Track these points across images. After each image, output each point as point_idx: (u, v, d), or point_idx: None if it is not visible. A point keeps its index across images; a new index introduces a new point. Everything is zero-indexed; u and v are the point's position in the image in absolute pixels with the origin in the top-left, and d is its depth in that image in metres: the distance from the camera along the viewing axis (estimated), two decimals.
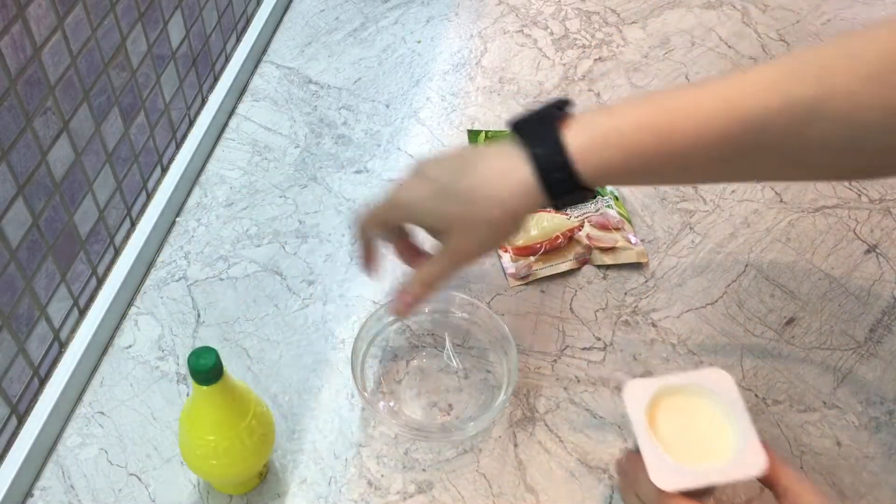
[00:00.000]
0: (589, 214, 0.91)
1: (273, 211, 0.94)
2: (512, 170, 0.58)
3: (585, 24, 1.21)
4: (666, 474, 0.55)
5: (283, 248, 0.90)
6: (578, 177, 0.57)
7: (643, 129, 0.56)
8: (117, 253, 0.85)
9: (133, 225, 0.88)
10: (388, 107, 1.07)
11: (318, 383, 0.79)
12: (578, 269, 0.89)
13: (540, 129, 0.58)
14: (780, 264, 0.90)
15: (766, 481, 0.57)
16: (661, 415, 0.59)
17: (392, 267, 0.89)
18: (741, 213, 0.95)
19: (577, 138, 0.57)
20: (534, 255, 0.88)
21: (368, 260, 0.72)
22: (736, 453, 0.57)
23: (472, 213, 0.60)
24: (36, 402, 0.73)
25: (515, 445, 0.74)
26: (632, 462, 0.59)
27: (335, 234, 0.92)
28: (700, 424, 0.59)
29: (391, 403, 0.76)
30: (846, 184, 0.98)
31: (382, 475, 0.72)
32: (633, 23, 1.21)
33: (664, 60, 1.15)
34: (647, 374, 0.80)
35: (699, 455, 0.57)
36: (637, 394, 0.59)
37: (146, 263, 0.88)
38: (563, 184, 0.58)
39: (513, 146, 0.59)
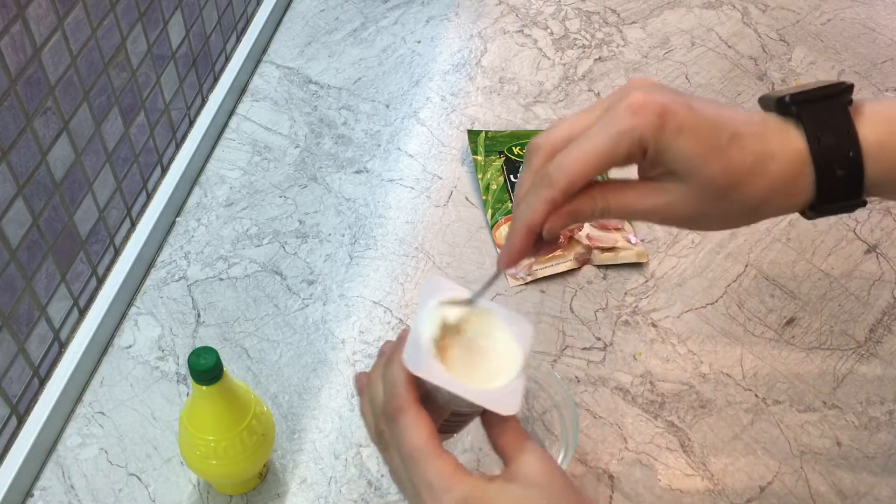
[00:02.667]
0: None
1: (273, 211, 0.94)
2: (777, 155, 0.46)
3: (585, 24, 1.21)
4: (420, 360, 0.48)
5: (283, 248, 0.90)
6: (863, 180, 0.46)
7: None
8: (117, 253, 0.85)
9: (133, 225, 0.88)
10: (388, 107, 1.07)
11: (318, 383, 0.79)
12: (578, 269, 0.89)
13: (826, 110, 0.46)
14: (780, 264, 0.90)
15: (498, 447, 0.50)
16: (455, 326, 0.51)
17: (392, 268, 0.89)
18: None
19: (873, 131, 0.45)
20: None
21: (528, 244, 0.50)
22: (498, 390, 0.49)
23: (720, 185, 0.46)
24: (36, 402, 0.73)
25: None
26: (393, 344, 0.51)
27: (335, 234, 0.92)
28: (485, 350, 0.51)
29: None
30: None
31: (382, 475, 0.72)
32: (633, 23, 1.21)
33: (664, 60, 1.15)
34: (647, 373, 0.80)
35: (466, 373, 0.49)
36: (443, 288, 0.51)
37: (146, 263, 0.88)
38: (842, 185, 0.46)
39: (780, 122, 0.46)
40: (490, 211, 0.93)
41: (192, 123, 0.98)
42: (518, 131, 1.03)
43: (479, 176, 0.97)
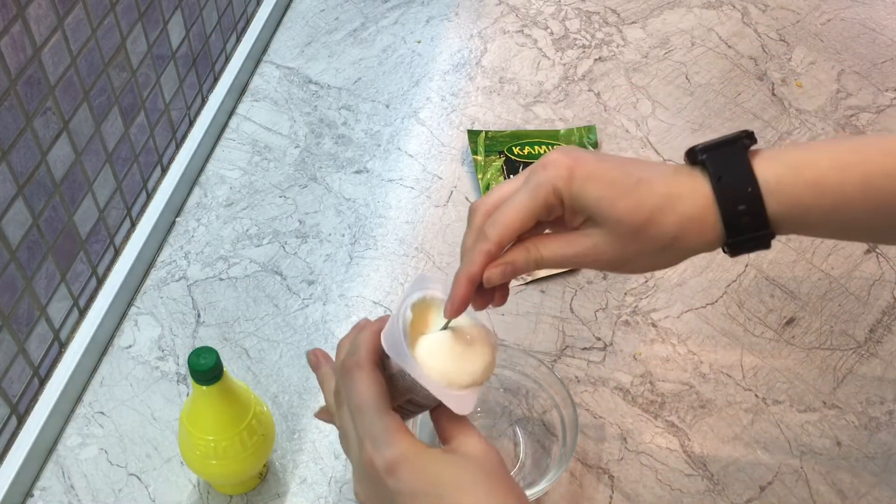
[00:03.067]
0: None
1: (273, 211, 0.94)
2: (685, 196, 0.50)
3: (585, 24, 1.21)
4: (396, 342, 0.51)
5: (283, 248, 0.90)
6: (766, 214, 0.49)
7: (847, 169, 0.49)
8: (117, 253, 0.85)
9: (133, 225, 0.88)
10: (388, 107, 1.07)
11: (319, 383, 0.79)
12: (578, 268, 0.89)
13: (726, 154, 0.51)
14: (780, 264, 0.90)
15: (440, 426, 0.54)
16: (430, 323, 0.55)
17: (392, 268, 0.89)
18: None
19: (770, 169, 0.49)
20: None
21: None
22: (459, 389, 0.52)
23: (630, 223, 0.51)
24: (36, 402, 0.73)
25: (515, 445, 0.74)
26: (367, 321, 0.55)
27: (335, 234, 0.92)
28: (461, 348, 0.54)
29: None
30: None
31: None
32: (633, 23, 1.21)
33: (664, 60, 1.15)
34: (647, 374, 0.80)
35: (430, 367, 0.52)
36: (430, 284, 0.56)
37: (146, 263, 0.88)
38: (747, 219, 0.50)
39: (689, 169, 0.51)
40: None
41: (192, 123, 0.98)
42: (518, 131, 1.03)
43: (479, 176, 0.97)
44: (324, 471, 0.73)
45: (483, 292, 0.54)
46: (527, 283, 0.87)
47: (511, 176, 0.96)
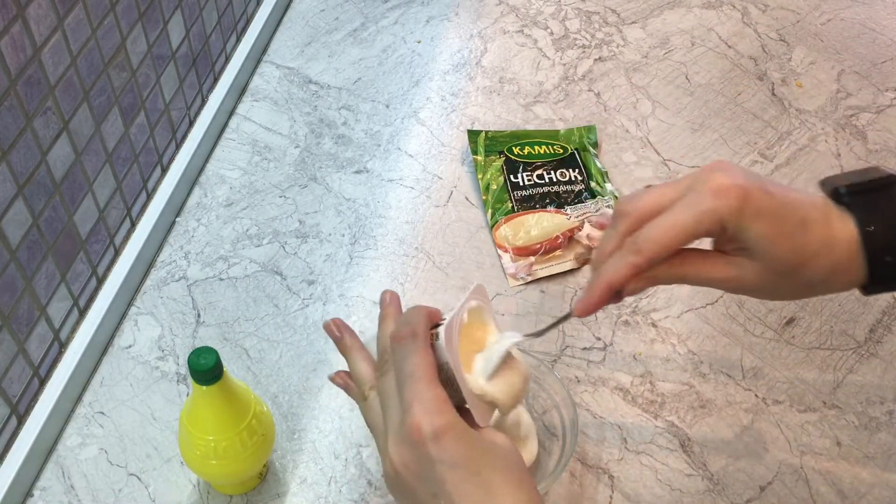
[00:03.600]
0: (589, 214, 0.91)
1: (273, 211, 0.94)
2: (839, 243, 0.51)
3: (585, 24, 1.21)
4: (450, 337, 0.53)
5: (283, 248, 0.90)
6: None
7: None
8: (117, 253, 0.85)
9: (133, 225, 0.88)
10: (388, 107, 1.07)
11: (318, 383, 0.79)
12: (578, 269, 0.89)
13: (874, 200, 0.51)
14: None
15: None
16: (482, 331, 0.58)
17: (392, 268, 0.89)
18: None
19: None
20: (534, 255, 0.88)
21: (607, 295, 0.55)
22: (481, 392, 0.55)
23: (787, 264, 0.51)
24: (36, 402, 0.73)
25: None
26: (422, 307, 0.56)
27: (335, 234, 0.92)
28: (505, 369, 0.57)
29: None
30: None
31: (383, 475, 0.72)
32: (633, 23, 1.21)
33: (664, 60, 1.15)
34: (647, 374, 0.80)
35: (477, 370, 0.55)
36: (484, 297, 0.58)
37: (146, 263, 0.88)
38: (892, 270, 0.51)
39: (839, 212, 0.52)
40: (490, 211, 0.93)
41: (192, 123, 0.98)
42: (518, 131, 1.03)
43: (479, 176, 0.97)
44: (324, 471, 0.73)
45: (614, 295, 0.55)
46: (527, 283, 0.87)
47: (511, 176, 0.96)
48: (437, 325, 0.54)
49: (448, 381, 0.53)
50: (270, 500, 0.71)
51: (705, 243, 0.54)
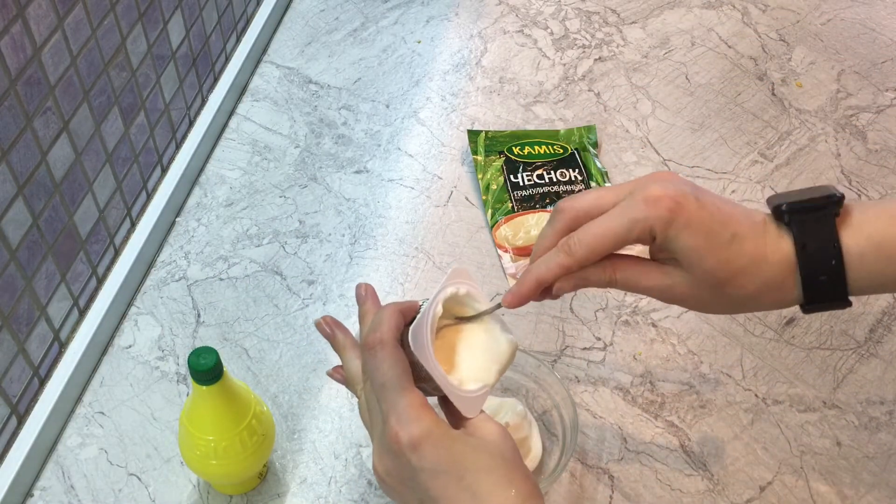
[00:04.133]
0: None
1: (273, 211, 0.94)
2: (770, 260, 0.51)
3: (585, 24, 1.21)
4: (421, 338, 0.52)
5: (283, 248, 0.90)
6: (847, 285, 0.51)
7: None
8: (117, 253, 0.85)
9: (133, 225, 0.88)
10: (388, 107, 1.07)
11: (318, 383, 0.79)
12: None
13: (812, 220, 0.51)
14: None
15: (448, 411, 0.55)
16: (455, 319, 0.57)
17: (392, 268, 0.89)
18: None
19: (854, 242, 0.50)
20: None
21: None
22: (468, 392, 0.54)
23: (714, 278, 0.52)
24: (36, 402, 0.73)
25: None
26: (395, 303, 0.56)
27: (335, 234, 0.92)
28: (469, 352, 0.57)
29: None
30: (846, 184, 0.98)
31: None
32: (633, 23, 1.21)
33: (664, 60, 1.15)
34: (647, 373, 0.80)
35: (445, 363, 0.55)
36: (463, 280, 0.57)
37: (146, 263, 0.88)
38: (826, 289, 0.51)
39: (776, 228, 0.52)
40: (490, 211, 0.93)
41: (192, 123, 0.98)
42: (518, 131, 1.03)
43: (479, 176, 0.97)
44: (324, 471, 0.73)
45: (543, 291, 0.56)
46: None
47: (511, 176, 0.96)
48: (413, 320, 0.54)
49: (428, 377, 0.53)
50: (270, 500, 0.71)
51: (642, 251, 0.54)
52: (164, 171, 0.93)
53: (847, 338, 0.83)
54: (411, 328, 0.53)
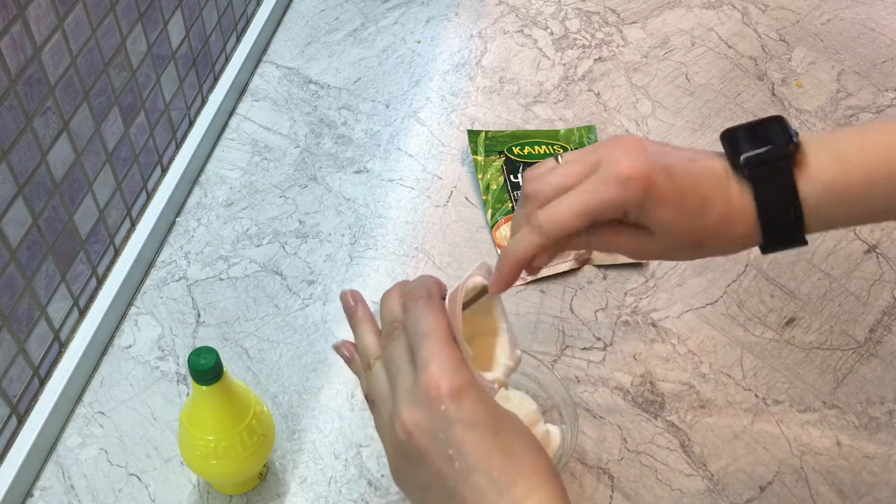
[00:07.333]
0: None
1: (273, 211, 0.94)
2: (735, 220, 0.54)
3: (585, 24, 1.21)
4: (453, 307, 0.53)
5: (283, 248, 0.90)
6: (804, 231, 0.53)
7: (876, 183, 0.52)
8: (117, 253, 0.85)
9: (133, 225, 0.88)
10: (388, 107, 1.07)
11: (318, 383, 0.79)
12: (578, 269, 0.89)
13: (770, 173, 0.53)
14: (780, 264, 0.90)
15: None
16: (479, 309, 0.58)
17: (392, 268, 0.89)
18: None
19: (811, 192, 0.52)
20: None
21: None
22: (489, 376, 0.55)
23: (684, 242, 0.54)
24: (36, 402, 0.73)
25: None
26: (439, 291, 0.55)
27: (335, 234, 0.92)
28: (483, 347, 0.58)
29: None
30: None
31: (382, 475, 0.72)
32: (633, 23, 1.21)
33: (664, 60, 1.15)
34: (647, 374, 0.80)
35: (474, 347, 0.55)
36: (486, 273, 0.57)
37: (146, 263, 0.88)
38: (784, 235, 0.54)
39: (738, 184, 0.53)
40: (490, 211, 0.93)
41: (192, 123, 0.98)
42: (518, 131, 1.03)
43: (479, 176, 0.97)
44: (324, 471, 0.73)
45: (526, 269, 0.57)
46: (527, 284, 0.87)
47: (511, 176, 0.96)
48: (443, 297, 0.54)
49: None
50: (270, 500, 0.71)
51: None
52: (164, 171, 0.93)
53: (847, 338, 0.83)
54: (447, 298, 0.53)
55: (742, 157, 0.53)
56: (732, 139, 0.55)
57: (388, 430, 0.51)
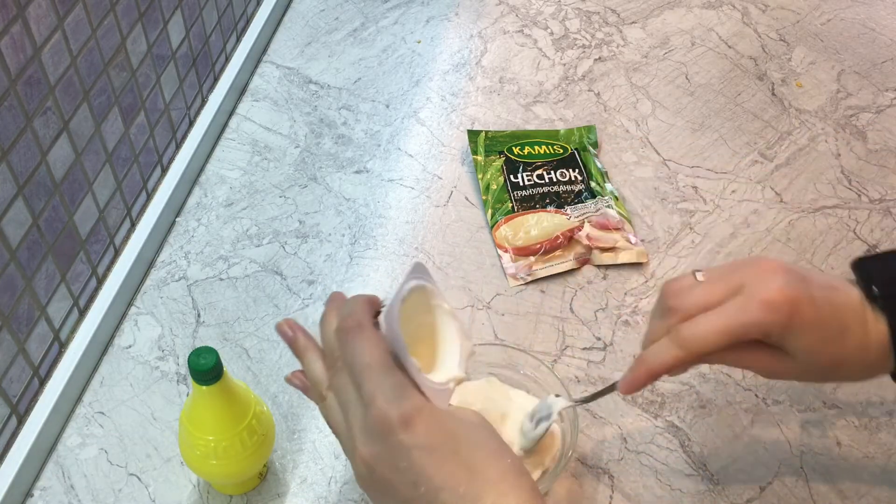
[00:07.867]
0: (589, 214, 0.91)
1: (273, 211, 0.94)
2: (871, 348, 0.55)
3: (585, 24, 1.21)
4: (393, 322, 0.51)
5: (283, 248, 0.90)
6: None
7: None
8: (117, 253, 0.85)
9: (133, 225, 0.88)
10: (388, 107, 1.07)
11: None
12: (578, 269, 0.89)
13: None
14: None
15: None
16: (425, 310, 0.57)
17: (392, 268, 0.89)
18: (741, 213, 0.95)
19: None
20: (534, 255, 0.88)
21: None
22: (437, 384, 0.54)
23: (823, 368, 0.56)
24: (36, 402, 0.73)
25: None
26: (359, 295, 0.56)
27: (335, 234, 0.92)
28: (434, 345, 0.57)
29: None
30: (846, 184, 0.98)
31: None
32: (633, 23, 1.21)
33: (664, 60, 1.15)
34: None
35: (419, 352, 0.55)
36: (425, 275, 0.57)
37: (146, 263, 0.88)
38: None
39: (874, 315, 0.55)
40: (490, 211, 0.93)
41: (192, 123, 0.98)
42: (518, 131, 1.03)
43: (479, 176, 0.97)
44: (324, 471, 0.73)
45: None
46: (527, 283, 0.87)
47: (511, 176, 0.96)
48: (378, 313, 0.53)
49: (400, 367, 0.52)
50: (270, 500, 0.71)
51: None
52: (164, 171, 0.93)
53: None
54: (381, 317, 0.52)
55: (877, 288, 0.55)
56: (864, 270, 0.57)
57: (351, 462, 0.52)
